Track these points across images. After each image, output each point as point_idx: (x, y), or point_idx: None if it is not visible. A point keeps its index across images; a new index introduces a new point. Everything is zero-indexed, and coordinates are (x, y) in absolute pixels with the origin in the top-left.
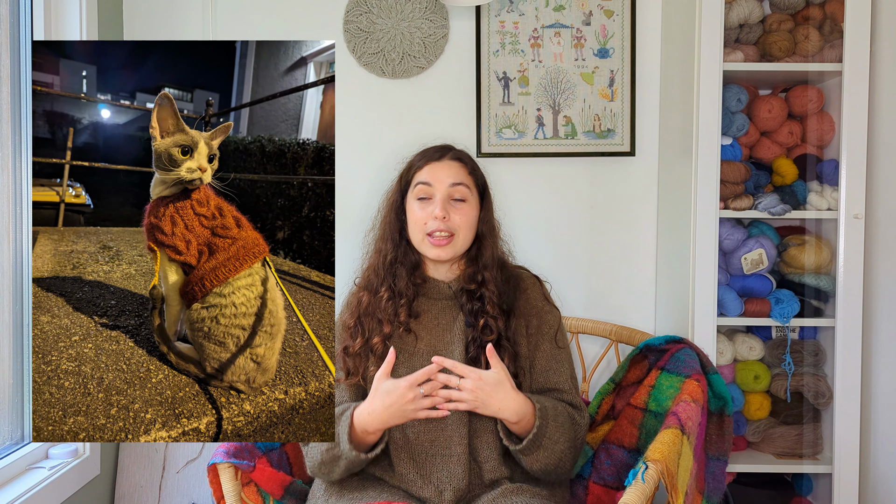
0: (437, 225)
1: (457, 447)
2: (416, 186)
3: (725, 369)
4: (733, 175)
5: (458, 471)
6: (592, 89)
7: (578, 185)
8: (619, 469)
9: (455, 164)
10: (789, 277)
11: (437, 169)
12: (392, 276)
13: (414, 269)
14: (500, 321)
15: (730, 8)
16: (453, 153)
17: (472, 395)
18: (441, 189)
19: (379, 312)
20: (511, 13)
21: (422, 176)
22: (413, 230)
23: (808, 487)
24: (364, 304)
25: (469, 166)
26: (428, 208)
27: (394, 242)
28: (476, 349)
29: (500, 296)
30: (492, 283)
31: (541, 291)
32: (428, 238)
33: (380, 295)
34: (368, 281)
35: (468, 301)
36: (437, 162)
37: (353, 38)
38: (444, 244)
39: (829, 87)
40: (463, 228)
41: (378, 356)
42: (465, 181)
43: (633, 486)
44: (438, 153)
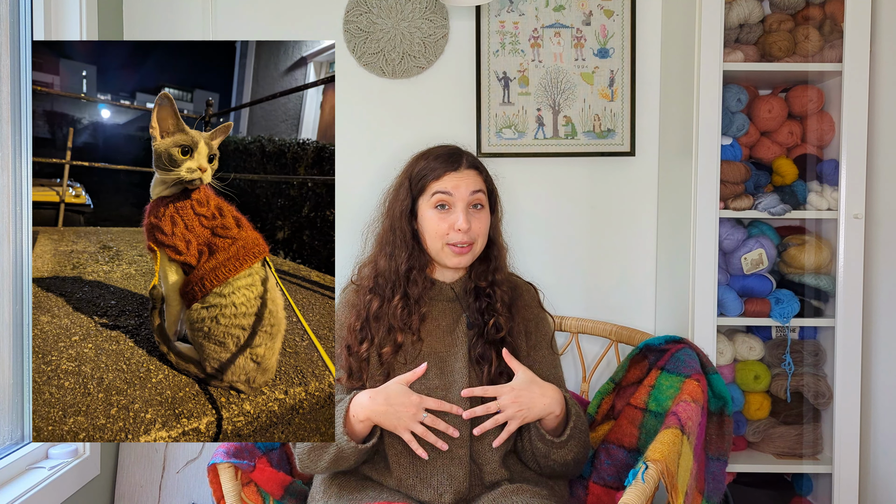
0: (459, 237)
1: (458, 450)
2: (435, 195)
3: (725, 369)
4: (733, 175)
5: (459, 473)
6: (592, 89)
7: (578, 185)
8: (619, 469)
9: (472, 172)
10: (789, 277)
11: (458, 178)
12: (408, 282)
13: (422, 271)
14: (507, 321)
15: (730, 8)
16: (468, 161)
17: (516, 406)
18: (462, 198)
19: (392, 319)
20: (511, 13)
21: (441, 185)
22: (431, 239)
23: (808, 487)
24: (374, 309)
25: (484, 173)
26: (449, 218)
27: (408, 250)
28: (480, 349)
29: (510, 298)
30: (504, 284)
31: (536, 298)
32: (449, 247)
33: (393, 303)
34: (377, 285)
35: (475, 300)
36: (455, 172)
37: (353, 38)
38: (465, 252)
39: (829, 87)
40: (481, 235)
41: (386, 364)
42: (482, 188)
43: (633, 486)
44: (455, 162)
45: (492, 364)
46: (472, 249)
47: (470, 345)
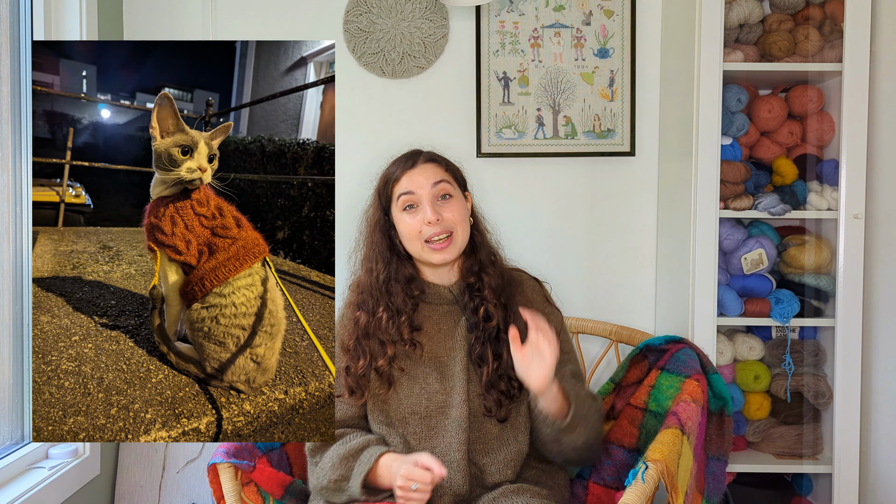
0: (432, 230)
1: (455, 453)
2: (400, 198)
3: (725, 369)
4: (733, 175)
5: (458, 477)
6: (592, 89)
7: (578, 185)
8: (619, 469)
9: (430, 165)
10: (789, 277)
11: (415, 175)
12: (388, 294)
13: (409, 282)
14: (499, 309)
15: (730, 8)
16: (424, 156)
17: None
18: (425, 192)
19: (380, 334)
20: (511, 13)
21: (402, 186)
22: (409, 242)
23: (808, 487)
24: (362, 325)
25: (444, 164)
26: (418, 216)
27: (385, 260)
28: (480, 350)
29: (498, 284)
30: (490, 268)
31: (541, 292)
32: (427, 245)
33: (378, 315)
34: (363, 300)
35: (470, 299)
36: (412, 169)
37: (353, 38)
38: (445, 246)
39: (829, 87)
40: (458, 224)
41: (386, 378)
42: (445, 178)
43: (632, 486)
44: (410, 160)
45: (490, 365)
46: (452, 241)
47: (469, 346)
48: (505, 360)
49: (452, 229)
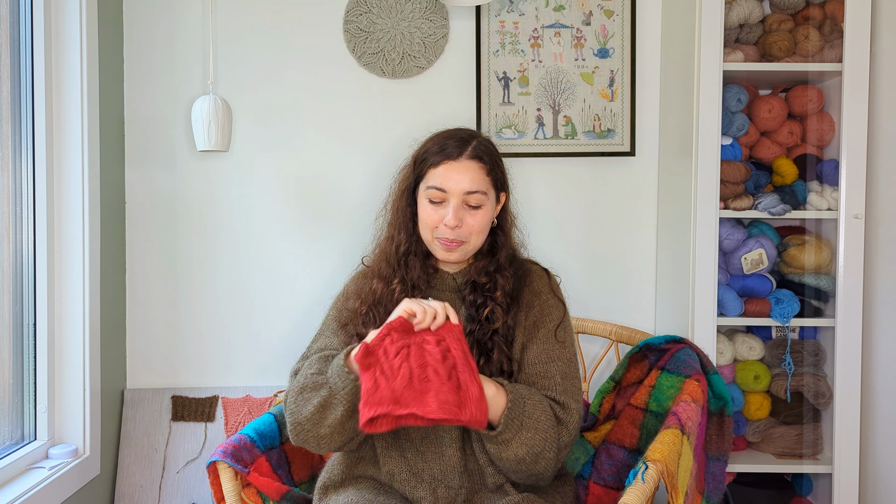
0: (447, 234)
1: (447, 448)
2: (429, 189)
3: (725, 369)
4: (733, 175)
5: (450, 471)
6: (592, 89)
7: (578, 185)
8: (619, 469)
9: (473, 165)
10: (789, 277)
11: (453, 172)
12: (405, 266)
13: (426, 257)
14: (506, 315)
15: (730, 8)
16: (472, 150)
17: None
18: (455, 197)
19: (391, 304)
20: (511, 13)
21: (435, 178)
22: (423, 228)
23: (808, 487)
24: (378, 293)
25: (488, 165)
26: (440, 211)
27: (407, 232)
28: (470, 344)
29: (512, 288)
30: (506, 270)
31: (548, 284)
32: (438, 241)
33: (392, 287)
34: (380, 269)
35: (471, 293)
36: (453, 162)
37: (353, 38)
38: (453, 247)
39: (829, 87)
40: (475, 233)
41: None
42: (481, 188)
43: (633, 487)
44: (457, 149)
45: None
46: (462, 247)
47: (467, 335)
48: (494, 360)
49: (467, 238)
